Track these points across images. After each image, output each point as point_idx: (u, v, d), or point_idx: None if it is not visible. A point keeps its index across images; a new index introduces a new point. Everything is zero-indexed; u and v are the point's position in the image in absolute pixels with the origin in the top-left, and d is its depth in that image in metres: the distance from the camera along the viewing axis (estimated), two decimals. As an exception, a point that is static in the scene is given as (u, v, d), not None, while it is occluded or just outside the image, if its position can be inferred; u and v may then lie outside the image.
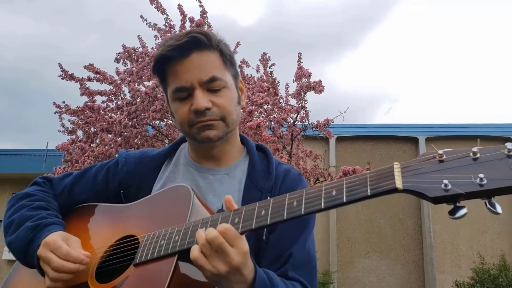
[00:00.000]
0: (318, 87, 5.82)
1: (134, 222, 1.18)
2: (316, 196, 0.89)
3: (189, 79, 1.20)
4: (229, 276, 0.92)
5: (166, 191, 1.18)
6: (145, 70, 6.25)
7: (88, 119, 6.37)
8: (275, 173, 1.28)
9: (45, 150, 13.41)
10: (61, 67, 6.65)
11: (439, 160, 0.79)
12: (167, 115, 6.31)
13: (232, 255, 0.91)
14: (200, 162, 1.32)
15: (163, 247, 1.02)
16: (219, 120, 1.23)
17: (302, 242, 1.20)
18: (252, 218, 0.94)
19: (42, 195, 1.35)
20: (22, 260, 1.22)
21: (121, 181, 1.34)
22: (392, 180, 0.80)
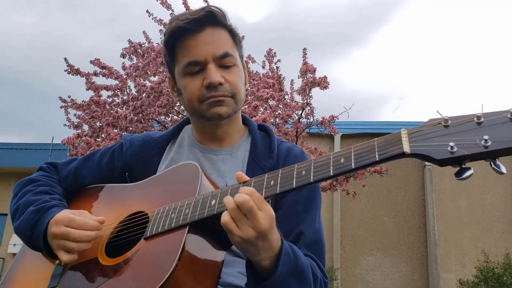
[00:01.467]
0: (323, 83, 5.81)
1: (143, 199, 1.19)
2: (324, 164, 0.90)
3: (202, 53, 1.21)
4: (257, 242, 0.91)
5: (174, 169, 1.19)
6: (151, 65, 6.26)
7: (93, 114, 6.40)
8: (277, 152, 1.29)
9: (50, 144, 13.47)
10: (67, 62, 6.68)
11: (445, 125, 0.81)
12: (173, 111, 6.33)
13: (260, 219, 0.90)
14: (203, 143, 1.33)
15: (174, 219, 1.02)
16: (229, 97, 1.23)
17: (311, 220, 1.21)
18: (262, 188, 0.95)
19: (46, 180, 1.36)
20: (28, 243, 1.24)
21: (126, 164, 1.35)
22: (400, 145, 0.82)
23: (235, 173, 1.24)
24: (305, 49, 6.23)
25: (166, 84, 6.09)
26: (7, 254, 13.10)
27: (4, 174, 13.80)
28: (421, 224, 11.78)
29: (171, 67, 1.30)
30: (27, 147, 14.07)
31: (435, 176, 11.74)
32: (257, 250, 0.93)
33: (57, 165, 1.45)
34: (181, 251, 0.94)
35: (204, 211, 0.99)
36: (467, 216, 11.56)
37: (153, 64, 6.26)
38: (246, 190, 0.93)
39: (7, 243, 13.10)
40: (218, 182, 1.17)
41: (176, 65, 1.27)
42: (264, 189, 0.95)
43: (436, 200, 11.76)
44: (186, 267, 0.94)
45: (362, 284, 11.51)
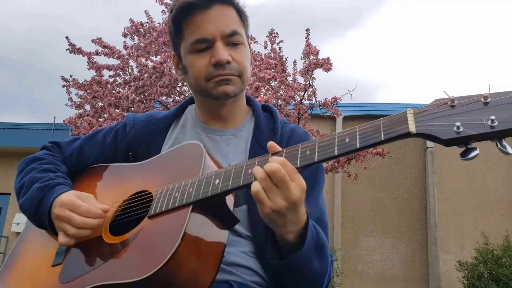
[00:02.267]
0: (326, 65, 5.77)
1: (147, 179, 1.19)
2: (329, 144, 0.90)
3: (210, 30, 1.20)
4: (286, 213, 0.90)
5: (178, 149, 1.19)
6: (153, 45, 6.22)
7: (95, 94, 6.39)
8: (280, 132, 1.29)
9: (52, 124, 13.47)
10: (68, 41, 6.64)
11: (451, 105, 0.80)
12: (175, 91, 6.31)
13: (292, 189, 0.88)
14: (207, 124, 1.32)
15: (178, 198, 1.03)
16: (236, 76, 1.23)
17: (315, 199, 1.21)
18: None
19: (51, 159, 1.37)
20: (33, 220, 1.25)
21: (129, 143, 1.34)
22: (405, 124, 0.81)
23: (238, 154, 1.26)
24: (307, 30, 6.17)
25: (168, 65, 6.06)
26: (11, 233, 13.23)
27: (6, 154, 13.84)
28: (422, 206, 11.82)
29: (177, 44, 1.28)
30: (29, 127, 14.08)
31: (437, 158, 11.73)
32: (284, 222, 0.92)
33: (60, 144, 1.45)
34: (184, 230, 0.94)
35: (208, 190, 0.99)
36: (467, 198, 11.59)
37: (155, 44, 6.21)
38: (278, 159, 0.91)
39: (10, 222, 13.22)
40: (221, 163, 1.17)
41: (183, 42, 1.25)
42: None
43: (437, 182, 11.77)
44: (189, 246, 0.94)
45: (362, 265, 11.63)
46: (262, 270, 1.17)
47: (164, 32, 6.14)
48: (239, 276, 1.12)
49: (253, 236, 1.19)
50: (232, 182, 0.98)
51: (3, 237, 13.04)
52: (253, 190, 0.90)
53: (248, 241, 1.18)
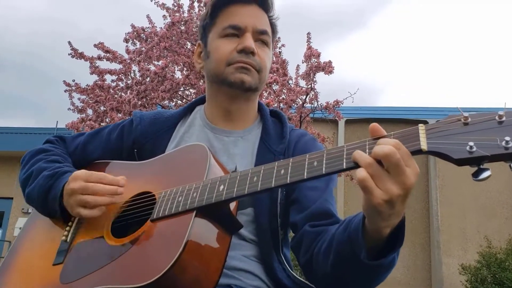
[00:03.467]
0: (328, 68, 5.77)
1: (150, 179, 1.18)
2: (337, 155, 0.86)
3: (245, 21, 1.25)
4: (397, 201, 0.80)
5: (183, 149, 1.18)
6: (154, 50, 6.23)
7: (98, 98, 6.40)
8: (288, 137, 1.28)
9: (54, 128, 13.51)
10: (71, 46, 6.66)
11: (464, 123, 0.78)
12: (177, 95, 6.32)
13: (408, 174, 0.79)
14: (216, 124, 1.32)
15: (181, 203, 1.01)
16: (256, 70, 1.25)
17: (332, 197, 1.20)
18: (272, 177, 0.93)
19: (57, 151, 1.37)
20: (42, 207, 1.23)
21: (135, 140, 1.34)
22: (417, 141, 0.79)
23: (245, 156, 1.26)
24: (309, 33, 6.18)
25: (170, 69, 6.07)
26: (14, 238, 13.23)
27: (8, 158, 13.87)
28: (424, 210, 11.80)
29: (207, 30, 1.31)
30: (31, 131, 14.12)
31: (439, 161, 11.71)
32: (391, 214, 0.83)
33: (65, 138, 1.45)
34: (188, 236, 0.93)
35: (212, 195, 0.98)
36: (470, 202, 11.57)
37: (156, 49, 6.23)
38: (391, 141, 0.80)
39: (13, 226, 13.23)
40: (228, 165, 1.16)
41: (214, 27, 1.29)
42: (274, 178, 0.92)
43: (439, 186, 11.75)
44: (192, 252, 0.94)
45: (365, 269, 11.58)
46: (264, 274, 1.17)
47: (165, 37, 6.15)
48: (240, 280, 1.12)
49: (258, 240, 1.18)
50: (237, 189, 0.96)
51: (5, 242, 13.05)
52: (359, 177, 0.80)
53: (251, 244, 1.18)
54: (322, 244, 1.02)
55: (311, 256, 1.07)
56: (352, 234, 0.91)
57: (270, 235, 1.19)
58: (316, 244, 1.06)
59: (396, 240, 0.88)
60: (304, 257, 1.09)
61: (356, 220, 0.92)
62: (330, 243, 0.99)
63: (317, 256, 1.03)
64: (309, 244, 1.08)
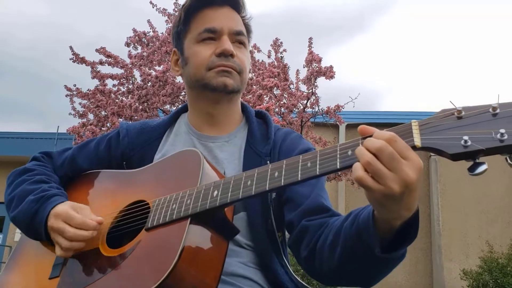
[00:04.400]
0: (329, 73, 5.78)
1: (143, 187, 1.17)
2: (331, 156, 0.85)
3: (220, 24, 1.24)
4: (402, 197, 0.77)
5: (175, 156, 1.16)
6: (156, 55, 6.25)
7: (99, 103, 6.41)
8: (273, 137, 1.27)
9: (56, 133, 13.51)
10: (72, 50, 6.67)
11: (458, 117, 0.76)
12: (178, 100, 6.32)
13: (406, 169, 0.76)
14: (200, 130, 1.31)
15: (175, 210, 1.00)
16: (237, 72, 1.24)
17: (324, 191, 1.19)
18: (266, 180, 0.91)
19: (41, 169, 1.34)
20: (28, 232, 1.22)
21: (123, 152, 1.33)
22: (410, 137, 0.78)
23: (232, 160, 1.25)
24: (311, 38, 6.20)
25: (171, 74, 6.08)
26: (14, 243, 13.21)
27: (10, 163, 13.87)
28: (426, 214, 11.77)
29: (182, 37, 1.30)
30: (32, 136, 14.12)
31: (440, 166, 11.70)
32: (399, 208, 0.80)
33: (51, 154, 1.43)
34: (183, 245, 0.92)
35: (206, 202, 0.97)
36: (472, 206, 11.54)
37: (158, 54, 6.24)
38: (384, 135, 0.78)
39: (14, 231, 13.22)
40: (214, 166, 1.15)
41: (189, 33, 1.27)
42: (268, 181, 0.91)
43: (441, 190, 11.73)
44: (189, 260, 0.93)
45: (366, 274, 11.55)
46: (264, 280, 1.16)
47: (167, 41, 6.17)
48: (238, 286, 1.11)
49: (254, 245, 1.17)
50: (231, 194, 0.95)
51: (6, 246, 13.03)
52: (355, 176, 0.78)
53: (247, 250, 1.17)
54: (327, 238, 1.00)
55: (313, 250, 1.05)
56: (361, 227, 0.89)
57: (267, 238, 1.18)
58: (318, 237, 1.04)
59: (407, 233, 0.85)
60: (305, 251, 1.07)
61: (365, 213, 0.90)
62: (336, 236, 0.97)
63: (321, 250, 1.02)
64: (310, 238, 1.07)
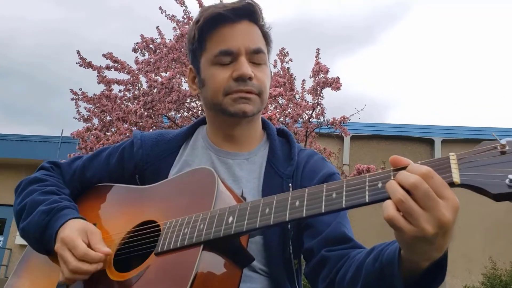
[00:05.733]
0: (335, 84, 5.76)
1: (155, 206, 1.11)
2: (359, 188, 0.78)
3: (236, 44, 1.16)
4: (435, 239, 0.71)
5: (189, 174, 1.10)
6: (162, 61, 6.25)
7: (104, 108, 6.40)
8: (296, 159, 1.21)
9: (60, 137, 13.54)
10: (79, 54, 6.68)
11: (501, 151, 0.70)
12: (183, 107, 6.31)
13: (442, 209, 0.69)
14: (219, 146, 1.25)
15: (187, 235, 0.95)
16: (256, 95, 1.18)
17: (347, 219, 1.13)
18: (286, 209, 0.85)
19: (53, 180, 1.29)
20: (37, 246, 1.16)
21: (136, 165, 1.26)
22: (448, 173, 0.71)
23: (252, 179, 1.19)
24: (318, 49, 6.19)
25: (177, 80, 6.07)
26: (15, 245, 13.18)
27: (13, 165, 13.89)
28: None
29: (197, 55, 1.23)
30: (36, 139, 14.16)
31: (445, 181, 11.64)
32: (429, 249, 0.73)
33: (60, 165, 1.36)
34: (195, 274, 0.88)
35: (220, 229, 0.91)
36: (475, 222, 11.44)
37: (165, 60, 6.25)
38: (420, 169, 0.71)
39: (14, 234, 13.19)
40: (234, 188, 1.10)
41: (204, 53, 1.20)
42: (288, 211, 0.85)
43: (444, 205, 11.65)
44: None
45: None
46: None
47: (174, 48, 6.17)
48: None
49: (270, 272, 1.11)
50: (248, 222, 0.89)
51: (6, 249, 13.00)
52: (386, 215, 0.71)
53: (261, 276, 1.11)
54: (347, 272, 0.95)
55: (331, 283, 1.00)
56: (385, 266, 0.83)
57: (283, 265, 1.12)
58: (338, 270, 0.99)
59: (435, 274, 0.79)
60: (323, 283, 1.03)
61: (391, 251, 0.83)
62: (358, 272, 0.91)
63: (341, 284, 0.97)
64: (329, 270, 1.01)
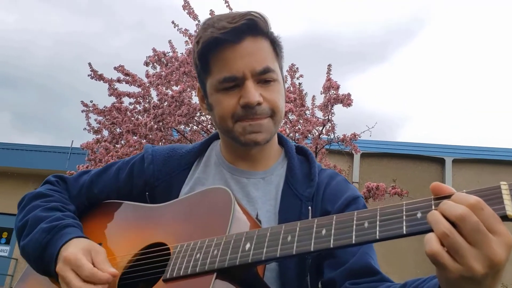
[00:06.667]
0: (346, 100, 5.73)
1: (164, 228, 1.05)
2: (395, 217, 0.71)
3: (240, 68, 1.06)
4: (484, 279, 0.63)
5: (203, 193, 1.04)
6: (174, 75, 6.27)
7: (114, 120, 6.41)
8: (317, 179, 1.13)
9: (69, 148, 13.60)
10: (90, 67, 6.72)
11: None
12: (193, 120, 6.30)
13: (495, 247, 0.61)
14: (233, 163, 1.18)
15: (199, 261, 0.88)
16: (268, 118, 1.10)
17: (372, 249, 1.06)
18: (310, 238, 0.78)
19: (58, 196, 1.22)
20: (37, 266, 1.10)
21: (146, 181, 1.20)
22: (500, 204, 0.63)
23: (267, 201, 1.11)
24: (329, 65, 6.17)
25: (187, 94, 6.08)
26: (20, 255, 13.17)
27: (22, 175, 13.95)
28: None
29: (203, 79, 1.16)
30: (46, 149, 14.23)
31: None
32: None
33: (66, 179, 1.30)
34: None
35: (236, 256, 0.84)
36: None
37: (176, 74, 6.26)
38: (468, 199, 0.64)
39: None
40: (248, 210, 1.03)
41: (209, 77, 1.12)
42: (313, 240, 0.77)
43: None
44: None
45: (375, 308, 11.24)
46: None
47: (185, 62, 6.19)
48: None
49: None
50: (267, 251, 0.81)
51: (12, 259, 12.98)
52: (429, 251, 0.63)
53: None
54: None
55: None
56: None
57: None
58: None
59: None
60: None
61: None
62: None
63: None
64: None
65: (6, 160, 13.83)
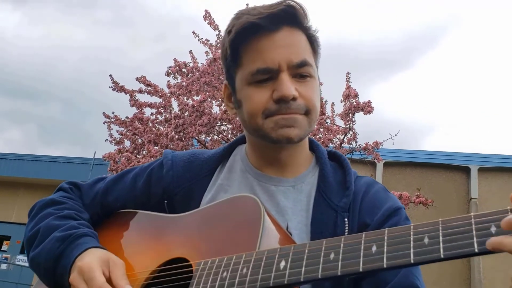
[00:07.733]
0: (367, 108, 5.66)
1: (186, 241, 0.96)
2: (462, 231, 0.63)
3: (276, 58, 0.97)
4: None
5: (228, 203, 0.95)
6: (195, 85, 6.31)
7: (136, 130, 6.47)
8: (353, 188, 1.03)
9: (92, 159, 13.79)
10: (112, 79, 6.81)
11: None
12: (213, 130, 6.32)
13: None
14: (260, 169, 1.08)
15: (226, 281, 0.78)
16: (303, 115, 1.00)
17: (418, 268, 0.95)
18: (359, 257, 0.67)
19: (71, 203, 1.14)
20: (48, 279, 1.01)
21: (165, 189, 1.11)
22: None
23: (298, 211, 1.02)
24: (348, 73, 6.12)
25: (208, 104, 6.10)
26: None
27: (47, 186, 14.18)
28: (465, 261, 11.20)
29: (232, 72, 1.06)
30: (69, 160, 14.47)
31: (481, 209, 11.17)
32: None
33: (80, 186, 1.21)
34: None
35: (269, 276, 0.73)
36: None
37: (197, 84, 6.30)
38: None
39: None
40: (278, 220, 0.94)
41: (240, 70, 1.03)
42: (361, 258, 0.67)
43: (481, 236, 11.20)
44: None
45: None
46: None
47: (206, 72, 6.23)
48: None
49: None
50: (306, 270, 0.71)
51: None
52: None
53: None
54: None
55: None
56: None
57: None
58: None
59: None
60: None
61: None
62: None
63: None
64: None
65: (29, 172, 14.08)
